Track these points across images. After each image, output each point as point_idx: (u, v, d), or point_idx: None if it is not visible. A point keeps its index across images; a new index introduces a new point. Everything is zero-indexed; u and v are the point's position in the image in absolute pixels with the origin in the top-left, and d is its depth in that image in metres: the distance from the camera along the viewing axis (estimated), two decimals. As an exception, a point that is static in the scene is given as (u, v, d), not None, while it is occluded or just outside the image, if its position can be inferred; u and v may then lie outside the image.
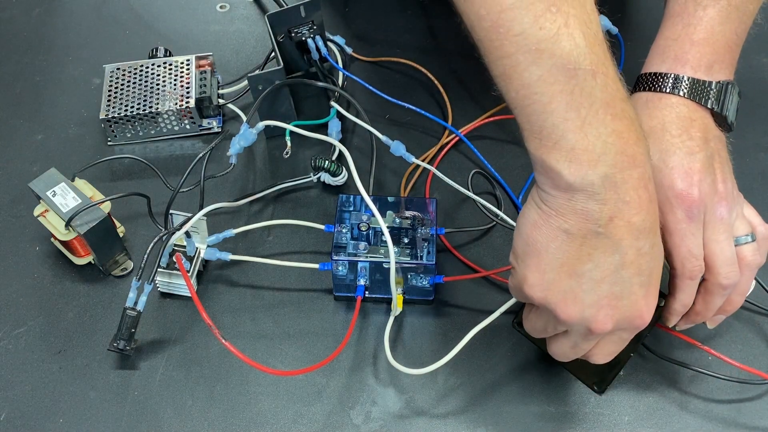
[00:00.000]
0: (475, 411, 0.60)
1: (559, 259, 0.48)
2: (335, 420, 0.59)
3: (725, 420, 0.59)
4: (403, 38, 0.86)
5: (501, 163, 0.74)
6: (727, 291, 0.55)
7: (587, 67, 0.44)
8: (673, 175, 0.53)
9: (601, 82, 0.44)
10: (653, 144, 0.54)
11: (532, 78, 0.45)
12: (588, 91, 0.44)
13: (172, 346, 0.63)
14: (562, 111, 0.44)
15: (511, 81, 0.46)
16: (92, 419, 0.59)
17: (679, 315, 0.57)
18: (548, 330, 0.53)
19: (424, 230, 0.64)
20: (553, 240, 0.47)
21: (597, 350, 0.53)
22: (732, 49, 0.57)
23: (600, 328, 0.49)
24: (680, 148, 0.54)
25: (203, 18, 0.89)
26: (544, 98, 0.45)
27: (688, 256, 0.53)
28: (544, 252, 0.48)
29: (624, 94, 0.46)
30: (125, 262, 0.67)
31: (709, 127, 0.55)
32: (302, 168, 0.74)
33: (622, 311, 0.48)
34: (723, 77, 0.56)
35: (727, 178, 0.55)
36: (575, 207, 0.46)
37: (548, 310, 0.50)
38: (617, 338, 0.51)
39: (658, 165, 0.54)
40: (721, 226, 0.54)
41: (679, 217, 0.53)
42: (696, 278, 0.54)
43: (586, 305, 0.48)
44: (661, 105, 0.56)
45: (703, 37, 0.56)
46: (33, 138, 0.77)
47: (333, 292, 0.65)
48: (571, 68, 0.44)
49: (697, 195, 0.53)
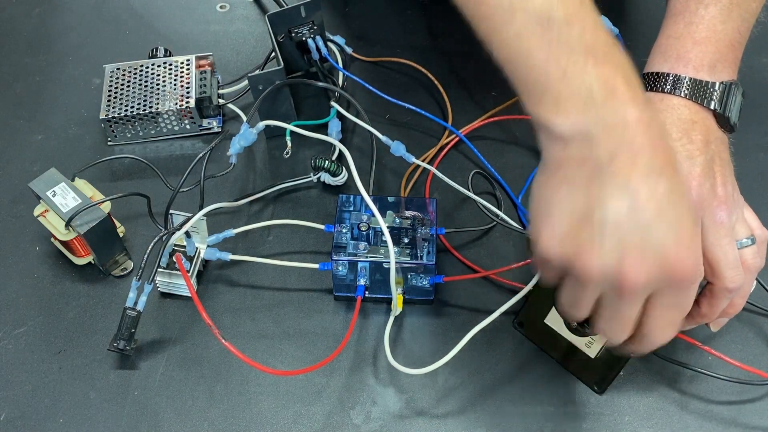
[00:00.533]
0: (475, 411, 0.60)
1: (567, 209, 0.45)
2: (335, 420, 0.59)
3: (725, 420, 0.59)
4: (403, 38, 0.86)
5: (501, 163, 0.74)
6: (732, 294, 0.54)
7: (561, 17, 0.45)
8: None
9: (578, 31, 0.45)
10: None
11: (510, 35, 0.46)
12: (565, 41, 0.45)
13: (172, 346, 0.63)
14: (542, 63, 0.45)
15: (493, 41, 0.47)
16: (92, 419, 0.59)
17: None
18: (582, 302, 0.48)
19: (424, 230, 0.64)
20: (557, 191, 0.46)
21: (651, 319, 0.47)
22: (735, 47, 0.57)
23: (631, 279, 0.44)
24: (680, 152, 0.54)
25: (203, 18, 0.89)
26: (524, 53, 0.46)
27: None
28: (553, 206, 0.46)
29: (606, 40, 0.46)
30: (125, 262, 0.67)
31: (710, 129, 0.55)
32: (302, 168, 0.74)
33: (653, 261, 0.44)
34: (726, 77, 0.56)
35: (728, 181, 0.54)
36: (572, 154, 0.45)
37: (570, 272, 0.46)
38: (669, 300, 0.46)
39: None
40: (721, 230, 0.53)
41: None
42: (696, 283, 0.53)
43: (606, 252, 0.44)
44: (662, 106, 0.56)
45: (706, 35, 0.56)
46: (33, 138, 0.77)
47: (333, 292, 0.65)
48: (545, 20, 0.45)
49: (696, 200, 0.52)
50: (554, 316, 0.61)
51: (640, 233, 0.44)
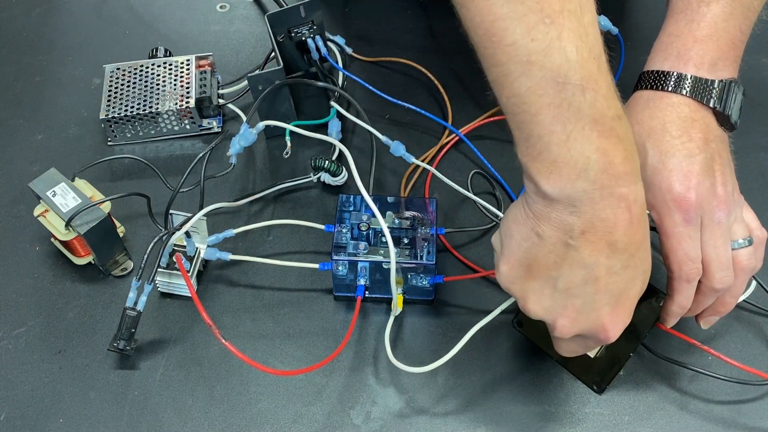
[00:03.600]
0: (475, 410, 0.60)
1: (527, 259, 0.48)
2: (335, 420, 0.59)
3: (725, 420, 0.59)
4: (403, 38, 0.86)
5: (501, 163, 0.74)
6: (718, 293, 0.55)
7: (577, 82, 0.43)
8: (672, 178, 0.53)
9: (591, 98, 0.44)
10: (653, 145, 0.54)
11: (521, 88, 0.45)
12: (576, 107, 0.44)
13: (172, 346, 0.63)
14: (548, 123, 0.44)
15: (503, 89, 0.46)
16: (92, 419, 0.59)
17: (677, 317, 0.57)
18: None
19: (424, 230, 0.64)
20: (526, 240, 0.48)
21: (560, 343, 0.54)
22: (736, 45, 0.57)
23: (559, 332, 0.50)
24: (680, 150, 0.54)
25: (203, 18, 0.89)
26: (532, 109, 0.45)
27: (685, 260, 0.53)
28: (517, 249, 0.49)
29: (617, 112, 0.45)
30: (125, 262, 0.67)
31: (710, 127, 0.55)
32: (302, 168, 0.74)
33: (583, 324, 0.49)
34: (726, 75, 0.56)
35: (728, 181, 0.54)
36: (552, 215, 0.46)
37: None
38: (582, 342, 0.52)
39: (657, 167, 0.54)
40: (718, 230, 0.53)
41: (676, 220, 0.53)
42: (693, 281, 0.54)
43: (546, 308, 0.49)
44: (662, 105, 0.56)
45: (707, 33, 0.56)
46: (33, 138, 0.77)
47: (333, 292, 0.65)
48: (561, 82, 0.43)
49: (694, 199, 0.53)
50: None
51: (582, 301, 0.48)
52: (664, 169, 0.53)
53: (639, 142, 0.55)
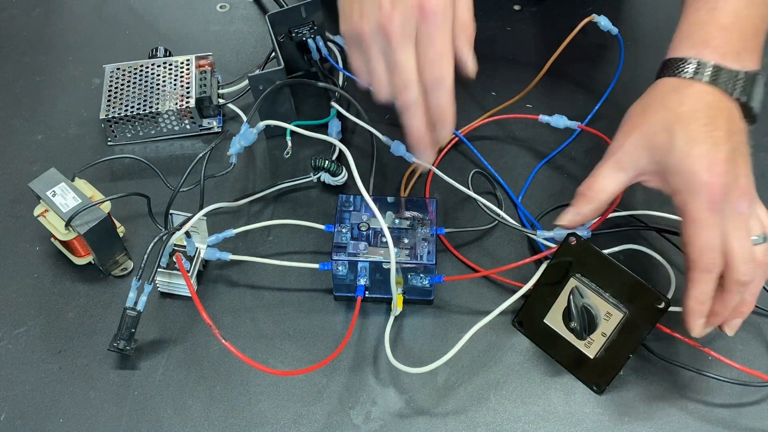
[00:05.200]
0: (475, 411, 0.60)
1: None
2: (335, 420, 0.59)
3: (725, 421, 0.59)
4: (403, 38, 0.86)
5: (501, 163, 0.74)
6: (743, 288, 0.54)
7: None
8: (700, 164, 0.52)
9: None
10: (681, 129, 0.54)
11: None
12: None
13: (172, 346, 0.63)
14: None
15: None
16: (92, 419, 0.59)
17: (700, 315, 0.55)
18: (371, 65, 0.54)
19: (424, 230, 0.64)
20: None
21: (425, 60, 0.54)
22: (758, 34, 0.56)
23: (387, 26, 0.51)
24: (708, 138, 0.53)
25: (203, 18, 0.89)
26: None
27: (706, 247, 0.52)
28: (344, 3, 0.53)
29: None
30: (125, 262, 0.67)
31: (734, 118, 0.55)
32: (302, 168, 0.74)
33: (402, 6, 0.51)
34: (751, 65, 0.55)
35: (748, 173, 0.54)
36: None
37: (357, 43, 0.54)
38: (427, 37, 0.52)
39: (684, 151, 0.53)
40: (741, 221, 0.53)
41: (701, 206, 0.52)
42: (712, 272, 0.53)
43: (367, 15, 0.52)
44: (690, 92, 0.55)
45: (731, 21, 0.56)
46: (33, 138, 0.77)
47: (333, 292, 0.65)
48: None
49: (721, 186, 0.52)
50: (554, 315, 0.61)
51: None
52: (691, 154, 0.53)
53: (667, 126, 0.54)
